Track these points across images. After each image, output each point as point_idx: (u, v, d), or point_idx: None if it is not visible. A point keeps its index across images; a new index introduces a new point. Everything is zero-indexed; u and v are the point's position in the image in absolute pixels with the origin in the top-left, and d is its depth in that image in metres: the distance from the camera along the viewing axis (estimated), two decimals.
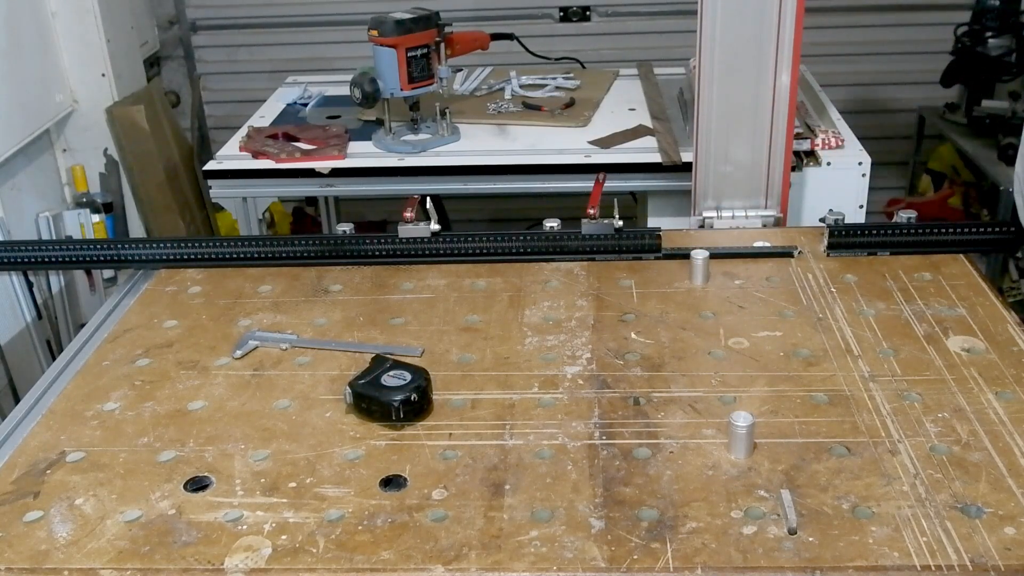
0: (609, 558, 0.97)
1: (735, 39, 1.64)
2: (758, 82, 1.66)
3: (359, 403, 1.20)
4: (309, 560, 0.99)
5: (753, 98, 1.67)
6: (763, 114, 1.68)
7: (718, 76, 1.67)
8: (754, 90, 1.66)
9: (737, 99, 1.67)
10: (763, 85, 1.66)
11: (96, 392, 1.30)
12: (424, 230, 1.60)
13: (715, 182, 1.73)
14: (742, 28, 1.63)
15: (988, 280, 1.47)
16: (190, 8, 3.53)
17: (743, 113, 1.68)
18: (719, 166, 1.72)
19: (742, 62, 1.65)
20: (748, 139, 1.70)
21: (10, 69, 2.65)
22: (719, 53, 1.65)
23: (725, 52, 1.65)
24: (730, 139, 1.71)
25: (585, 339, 1.36)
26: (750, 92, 1.67)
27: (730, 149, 1.71)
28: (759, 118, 1.68)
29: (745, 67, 1.65)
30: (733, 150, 1.71)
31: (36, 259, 1.66)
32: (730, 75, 1.66)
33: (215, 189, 2.15)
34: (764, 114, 1.68)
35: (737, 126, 1.70)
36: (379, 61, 2.08)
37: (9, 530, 1.05)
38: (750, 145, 1.70)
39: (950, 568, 0.94)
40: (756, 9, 1.63)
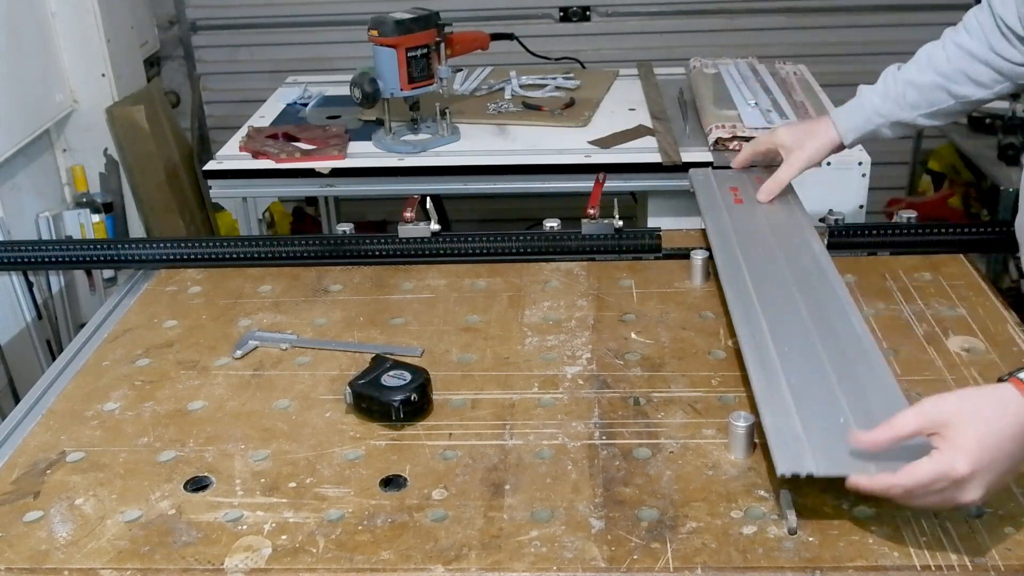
0: (609, 558, 0.97)
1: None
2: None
3: (359, 403, 1.20)
4: (309, 560, 0.99)
5: None
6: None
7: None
8: None
9: None
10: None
11: (96, 392, 1.30)
12: (424, 230, 1.60)
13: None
14: None
15: (988, 280, 1.47)
16: (190, 8, 3.53)
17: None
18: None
19: None
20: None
21: (10, 69, 2.65)
22: None
23: None
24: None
25: (585, 339, 1.36)
26: None
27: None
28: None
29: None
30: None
31: (36, 259, 1.66)
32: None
33: (215, 189, 2.15)
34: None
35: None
36: (379, 61, 2.08)
37: (9, 530, 1.05)
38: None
39: (950, 568, 0.94)
40: None
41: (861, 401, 1.08)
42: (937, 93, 1.49)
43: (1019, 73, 1.43)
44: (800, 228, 1.49)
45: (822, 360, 1.16)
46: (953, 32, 1.50)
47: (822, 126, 1.57)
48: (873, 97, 1.53)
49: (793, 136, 1.58)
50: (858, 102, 1.55)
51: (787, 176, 1.57)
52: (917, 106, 1.50)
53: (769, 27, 3.40)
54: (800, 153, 1.56)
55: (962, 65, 1.46)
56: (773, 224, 1.51)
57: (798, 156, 1.56)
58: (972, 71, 1.45)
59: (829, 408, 1.07)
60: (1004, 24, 1.40)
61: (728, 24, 3.41)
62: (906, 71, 1.51)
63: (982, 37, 1.44)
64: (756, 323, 1.24)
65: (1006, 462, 0.94)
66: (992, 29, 1.43)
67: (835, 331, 1.22)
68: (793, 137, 1.58)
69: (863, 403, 1.07)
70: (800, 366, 1.15)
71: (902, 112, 1.51)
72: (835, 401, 1.08)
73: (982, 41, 1.44)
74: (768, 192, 1.57)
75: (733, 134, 2.04)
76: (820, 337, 1.21)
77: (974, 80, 1.46)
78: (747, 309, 1.28)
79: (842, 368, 1.14)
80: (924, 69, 1.49)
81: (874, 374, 1.12)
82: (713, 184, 1.66)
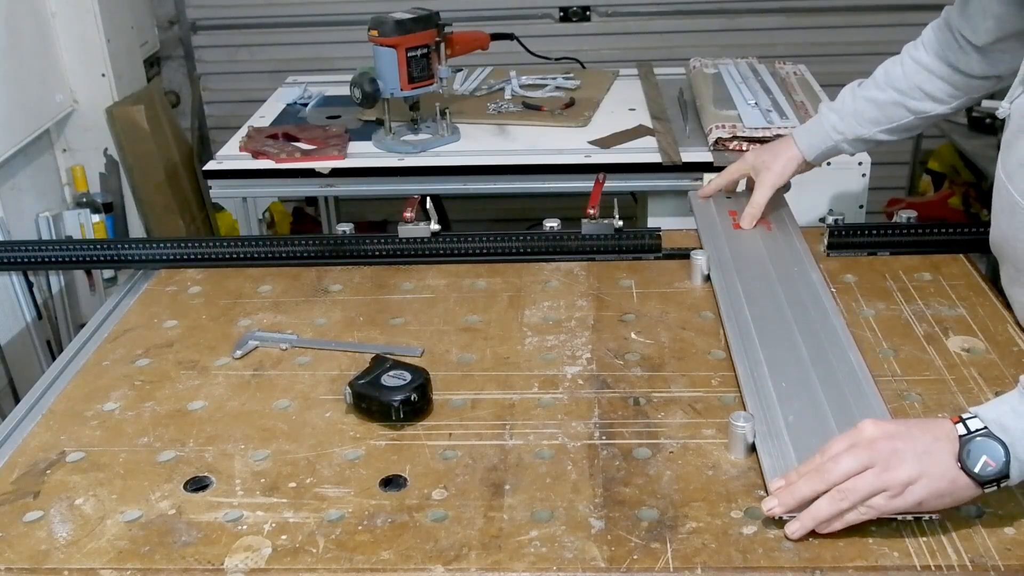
0: (609, 558, 0.97)
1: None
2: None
3: (359, 403, 1.20)
4: (309, 560, 0.99)
5: None
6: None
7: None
8: None
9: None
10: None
11: (96, 392, 1.30)
12: (424, 230, 1.60)
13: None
14: None
15: (988, 280, 1.47)
16: (190, 8, 3.53)
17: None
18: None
19: None
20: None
21: (10, 69, 2.65)
22: None
23: None
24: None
25: (585, 339, 1.36)
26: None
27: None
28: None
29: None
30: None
31: (36, 259, 1.66)
32: None
33: (215, 189, 2.15)
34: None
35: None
36: (379, 61, 2.08)
37: (9, 530, 1.05)
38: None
39: (950, 568, 0.94)
40: None
41: None
42: (895, 110, 1.51)
43: (975, 86, 1.46)
44: (797, 255, 1.50)
45: (819, 396, 1.17)
46: (912, 47, 1.52)
47: (785, 144, 1.61)
48: (831, 115, 1.57)
49: (759, 158, 1.62)
50: (817, 120, 1.60)
51: (762, 199, 1.59)
52: (877, 122, 1.53)
53: (769, 27, 3.40)
54: (767, 174, 1.59)
55: (919, 81, 1.49)
56: (771, 251, 1.52)
57: (765, 176, 1.59)
58: (929, 87, 1.48)
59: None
60: (962, 37, 1.41)
61: (728, 24, 3.40)
62: (865, 88, 1.55)
63: (939, 52, 1.46)
64: (755, 356, 1.26)
65: (918, 443, 0.97)
66: (949, 43, 1.44)
67: (831, 366, 1.23)
68: (759, 159, 1.62)
69: None
70: (797, 403, 1.16)
71: (861, 128, 1.54)
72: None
73: (939, 56, 1.46)
74: (751, 218, 1.59)
75: (733, 134, 2.04)
76: (817, 373, 1.21)
77: (931, 96, 1.49)
78: (746, 342, 1.29)
79: (839, 405, 1.15)
80: (882, 86, 1.52)
81: (871, 410, 1.13)
82: (712, 207, 1.66)
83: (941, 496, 0.96)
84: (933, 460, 0.96)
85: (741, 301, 1.39)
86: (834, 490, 0.97)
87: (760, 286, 1.42)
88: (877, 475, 0.96)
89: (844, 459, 0.98)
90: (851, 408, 1.14)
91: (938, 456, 0.96)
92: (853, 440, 0.99)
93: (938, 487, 0.96)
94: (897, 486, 0.96)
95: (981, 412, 0.98)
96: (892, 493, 0.96)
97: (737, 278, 1.45)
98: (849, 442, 1.00)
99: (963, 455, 0.95)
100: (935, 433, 0.98)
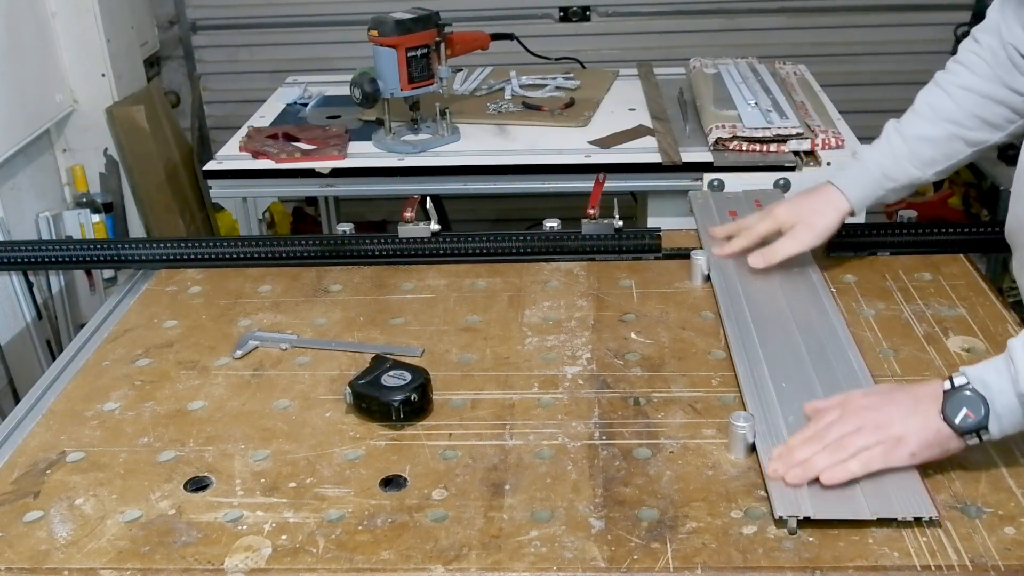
0: (609, 558, 0.97)
1: None
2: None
3: (359, 403, 1.20)
4: (309, 560, 0.99)
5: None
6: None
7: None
8: None
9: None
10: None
11: (96, 392, 1.30)
12: (424, 230, 1.60)
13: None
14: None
15: (988, 280, 1.47)
16: (190, 8, 3.53)
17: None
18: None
19: None
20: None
21: (10, 69, 2.65)
22: None
23: None
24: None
25: (585, 339, 1.36)
26: None
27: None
28: None
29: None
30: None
31: (36, 259, 1.66)
32: None
33: (215, 189, 2.15)
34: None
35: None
36: (379, 61, 2.08)
37: (9, 530, 1.05)
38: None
39: (950, 568, 0.94)
40: None
41: None
42: (953, 144, 1.38)
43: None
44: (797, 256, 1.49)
45: (819, 397, 1.16)
46: (950, 75, 1.40)
47: (829, 198, 1.43)
48: (882, 160, 1.41)
49: (797, 212, 1.44)
50: (863, 168, 1.44)
51: (789, 250, 1.43)
52: (933, 163, 1.39)
53: (769, 27, 3.40)
54: (808, 233, 1.42)
55: (975, 108, 1.36)
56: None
57: (804, 235, 1.42)
58: (987, 114, 1.36)
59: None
60: (1018, 52, 1.31)
61: (728, 24, 3.40)
62: (912, 126, 1.40)
63: (994, 75, 1.34)
64: (755, 356, 1.26)
65: (902, 405, 1.06)
66: (1004, 63, 1.33)
67: (831, 366, 1.23)
68: (797, 213, 1.44)
69: None
70: (797, 403, 1.16)
71: (916, 171, 1.40)
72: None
73: (994, 79, 1.34)
74: (765, 260, 1.44)
75: (733, 134, 2.04)
76: (817, 373, 1.22)
77: (990, 123, 1.36)
78: (747, 343, 1.29)
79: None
80: (934, 121, 1.38)
81: None
82: (712, 208, 1.66)
83: (931, 446, 1.04)
84: (918, 416, 1.04)
85: (741, 301, 1.39)
86: (831, 444, 1.05)
87: (760, 286, 1.42)
88: (869, 432, 1.05)
89: (837, 424, 1.07)
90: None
91: (923, 412, 1.04)
92: (842, 410, 1.08)
93: (926, 438, 1.04)
94: (890, 440, 1.04)
95: (967, 370, 1.04)
96: (887, 446, 1.04)
97: (737, 278, 1.45)
98: (839, 411, 1.08)
99: (946, 407, 1.03)
100: (918, 394, 1.06)
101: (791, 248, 1.43)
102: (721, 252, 1.50)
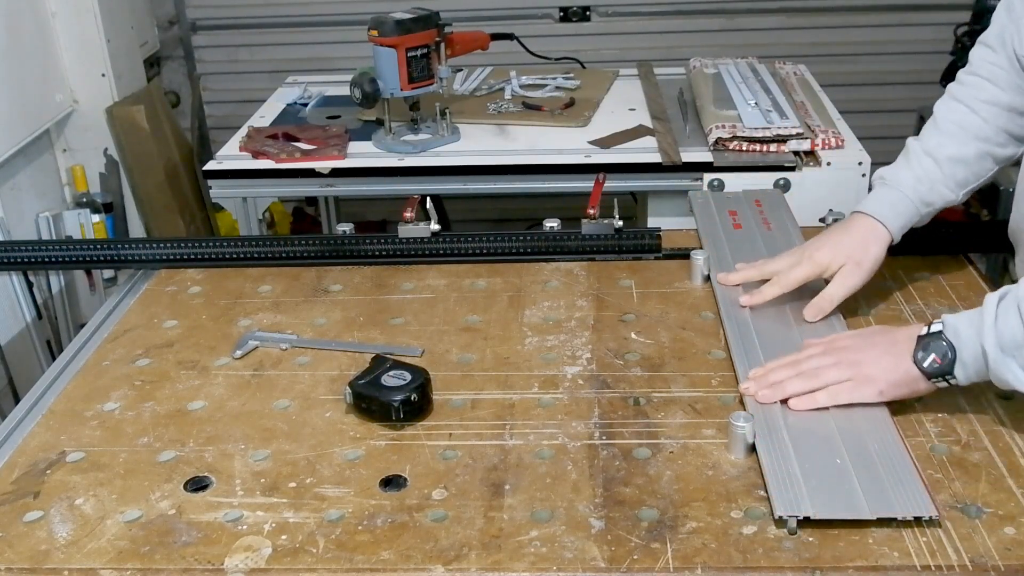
0: (609, 558, 0.97)
1: None
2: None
3: (359, 403, 1.20)
4: (309, 560, 0.99)
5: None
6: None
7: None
8: None
9: None
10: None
11: (96, 392, 1.30)
12: (424, 230, 1.60)
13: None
14: None
15: (988, 280, 1.47)
16: (190, 8, 3.53)
17: None
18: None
19: None
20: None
21: (10, 69, 2.65)
22: None
23: None
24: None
25: (585, 339, 1.36)
26: None
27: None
28: None
29: None
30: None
31: (36, 259, 1.66)
32: None
33: (215, 189, 2.15)
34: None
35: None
36: (379, 61, 2.08)
37: (9, 530, 1.05)
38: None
39: (950, 568, 0.94)
40: None
41: (858, 442, 1.08)
42: (983, 163, 1.34)
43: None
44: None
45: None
46: (972, 89, 1.35)
47: (869, 230, 1.34)
48: (918, 186, 1.34)
49: (840, 254, 1.34)
50: (898, 193, 1.35)
51: (841, 295, 1.33)
52: (966, 183, 1.35)
53: (769, 27, 3.40)
54: (856, 269, 1.32)
55: (1002, 123, 1.32)
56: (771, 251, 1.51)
57: (854, 273, 1.33)
58: (1012, 127, 1.32)
59: (826, 451, 1.08)
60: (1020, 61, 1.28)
61: (728, 24, 3.41)
62: (943, 148, 1.34)
63: (1012, 84, 1.31)
64: (755, 356, 1.26)
65: (879, 347, 1.15)
66: (1018, 71, 1.30)
67: None
68: (841, 253, 1.34)
69: (859, 444, 1.08)
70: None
71: (949, 194, 1.35)
72: (832, 443, 1.09)
73: (1014, 89, 1.31)
74: (820, 311, 1.33)
75: (733, 134, 2.04)
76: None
77: (1016, 137, 1.33)
78: (747, 344, 1.29)
79: (839, 408, 1.14)
80: (963, 140, 1.33)
81: (870, 415, 1.13)
82: (712, 208, 1.66)
83: (898, 386, 1.12)
84: (891, 357, 1.12)
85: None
86: (805, 372, 1.15)
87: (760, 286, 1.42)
88: (844, 367, 1.14)
89: (816, 356, 1.17)
90: (851, 408, 1.14)
91: (896, 354, 1.12)
92: (826, 346, 1.19)
93: (895, 378, 1.12)
94: (860, 377, 1.13)
95: (946, 318, 1.10)
96: (856, 382, 1.13)
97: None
98: (823, 347, 1.19)
99: (917, 352, 1.10)
100: (895, 337, 1.14)
101: (843, 293, 1.33)
102: (749, 302, 1.37)
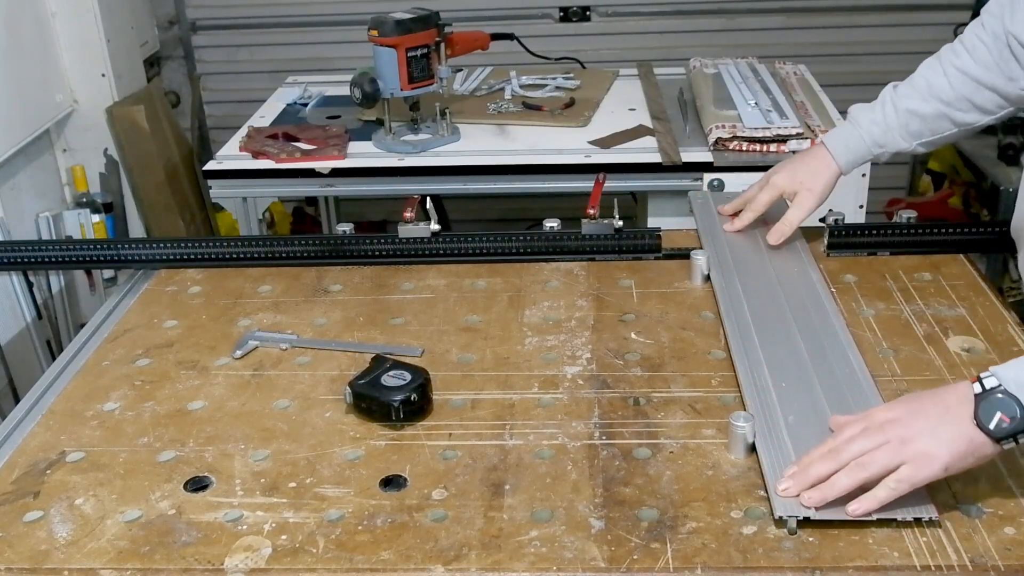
0: (609, 558, 0.97)
1: None
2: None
3: (359, 403, 1.20)
4: (309, 560, 0.99)
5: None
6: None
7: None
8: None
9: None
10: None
11: (96, 392, 1.30)
12: (424, 230, 1.60)
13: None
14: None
15: (988, 280, 1.47)
16: (190, 8, 3.53)
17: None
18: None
19: None
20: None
21: (10, 69, 2.65)
22: None
23: None
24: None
25: (585, 339, 1.36)
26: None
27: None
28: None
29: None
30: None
31: (36, 259, 1.66)
32: None
33: (215, 189, 2.15)
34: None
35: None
36: (379, 61, 2.08)
37: (9, 530, 1.05)
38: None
39: (950, 568, 0.94)
40: None
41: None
42: (940, 122, 1.44)
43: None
44: (797, 255, 1.50)
45: (819, 396, 1.17)
46: (953, 55, 1.43)
47: (822, 160, 1.52)
48: (873, 128, 1.48)
49: (795, 177, 1.52)
50: (855, 131, 1.50)
51: (798, 218, 1.51)
52: (919, 135, 1.46)
53: (769, 27, 3.40)
54: (810, 197, 1.50)
55: (967, 92, 1.40)
56: (771, 251, 1.52)
57: (807, 200, 1.50)
58: (978, 99, 1.40)
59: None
60: (1017, 42, 1.32)
61: (728, 24, 3.40)
62: (907, 99, 1.46)
63: (991, 62, 1.37)
64: (755, 356, 1.26)
65: (930, 417, 0.99)
66: (1003, 52, 1.35)
67: (831, 366, 1.23)
68: (795, 178, 1.52)
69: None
70: (797, 403, 1.16)
71: (903, 142, 1.47)
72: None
73: (990, 67, 1.37)
74: (780, 235, 1.51)
75: (733, 134, 2.04)
76: (817, 373, 1.21)
77: (979, 108, 1.41)
78: (747, 343, 1.29)
79: (839, 405, 1.14)
80: (926, 97, 1.44)
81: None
82: (712, 208, 1.66)
83: (964, 457, 0.98)
84: (948, 425, 0.98)
85: (741, 301, 1.39)
86: (852, 464, 0.99)
87: (760, 286, 1.42)
88: (895, 449, 0.98)
89: (858, 440, 1.01)
90: (851, 408, 1.13)
91: (952, 421, 0.98)
92: (865, 424, 1.02)
93: (958, 449, 0.97)
94: (917, 456, 0.97)
95: (998, 371, 0.98)
96: (914, 464, 0.97)
97: (737, 278, 1.45)
98: (861, 426, 1.02)
99: (979, 413, 0.97)
100: (946, 402, 1.00)
101: (799, 216, 1.51)
102: (731, 228, 1.58)
